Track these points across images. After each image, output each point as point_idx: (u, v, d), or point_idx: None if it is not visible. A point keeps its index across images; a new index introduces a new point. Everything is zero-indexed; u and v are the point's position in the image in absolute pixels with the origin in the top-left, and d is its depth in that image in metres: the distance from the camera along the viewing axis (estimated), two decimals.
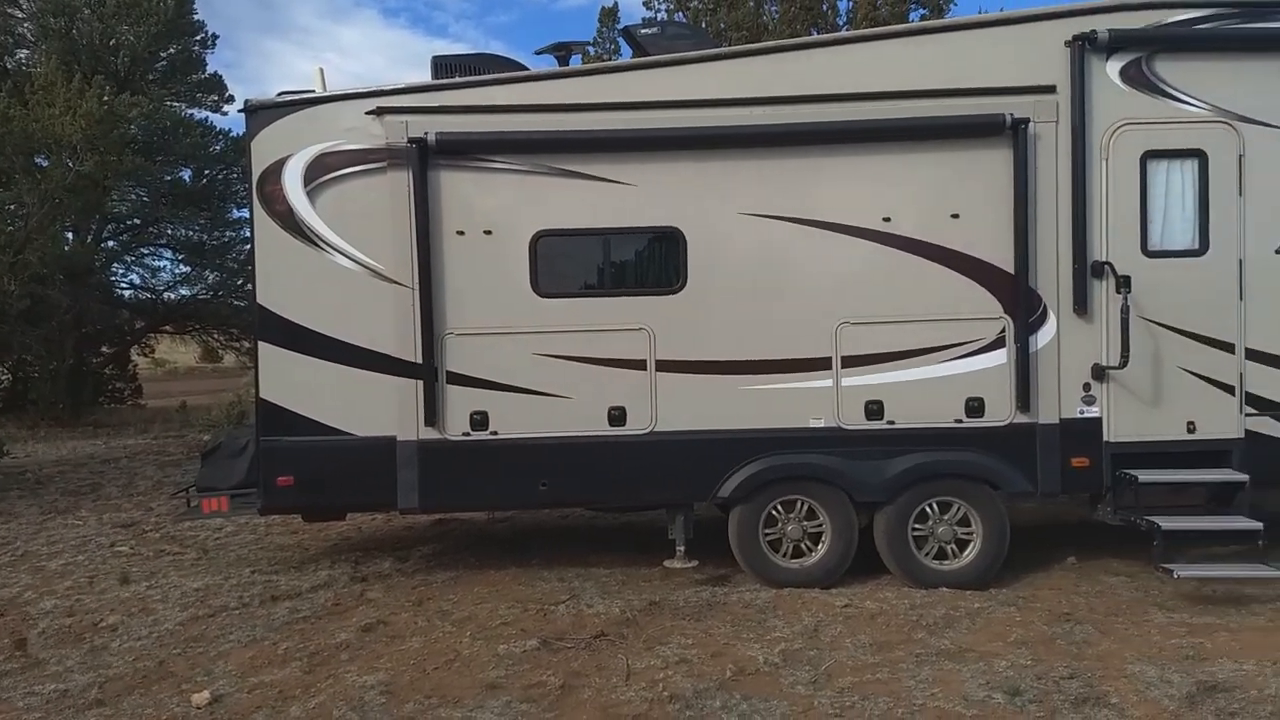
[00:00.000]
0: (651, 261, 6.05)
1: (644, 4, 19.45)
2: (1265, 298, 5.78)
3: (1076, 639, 4.96)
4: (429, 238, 5.83)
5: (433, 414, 5.87)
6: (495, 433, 5.93)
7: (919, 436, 5.89)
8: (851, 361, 5.91)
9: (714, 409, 5.91)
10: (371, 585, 6.31)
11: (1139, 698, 4.19)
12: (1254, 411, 5.82)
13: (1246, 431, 5.81)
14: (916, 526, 5.96)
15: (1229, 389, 5.81)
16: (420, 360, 5.87)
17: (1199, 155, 5.75)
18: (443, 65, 6.33)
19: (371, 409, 5.93)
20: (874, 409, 5.89)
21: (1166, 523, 5.58)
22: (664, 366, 5.92)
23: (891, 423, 5.90)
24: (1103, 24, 5.64)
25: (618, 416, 5.92)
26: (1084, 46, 5.65)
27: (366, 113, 5.89)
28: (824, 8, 15.28)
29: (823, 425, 5.93)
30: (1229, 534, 5.74)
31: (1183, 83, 5.73)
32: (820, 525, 6.00)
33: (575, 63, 6.47)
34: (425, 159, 5.81)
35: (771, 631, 5.17)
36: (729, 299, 5.91)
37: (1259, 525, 5.55)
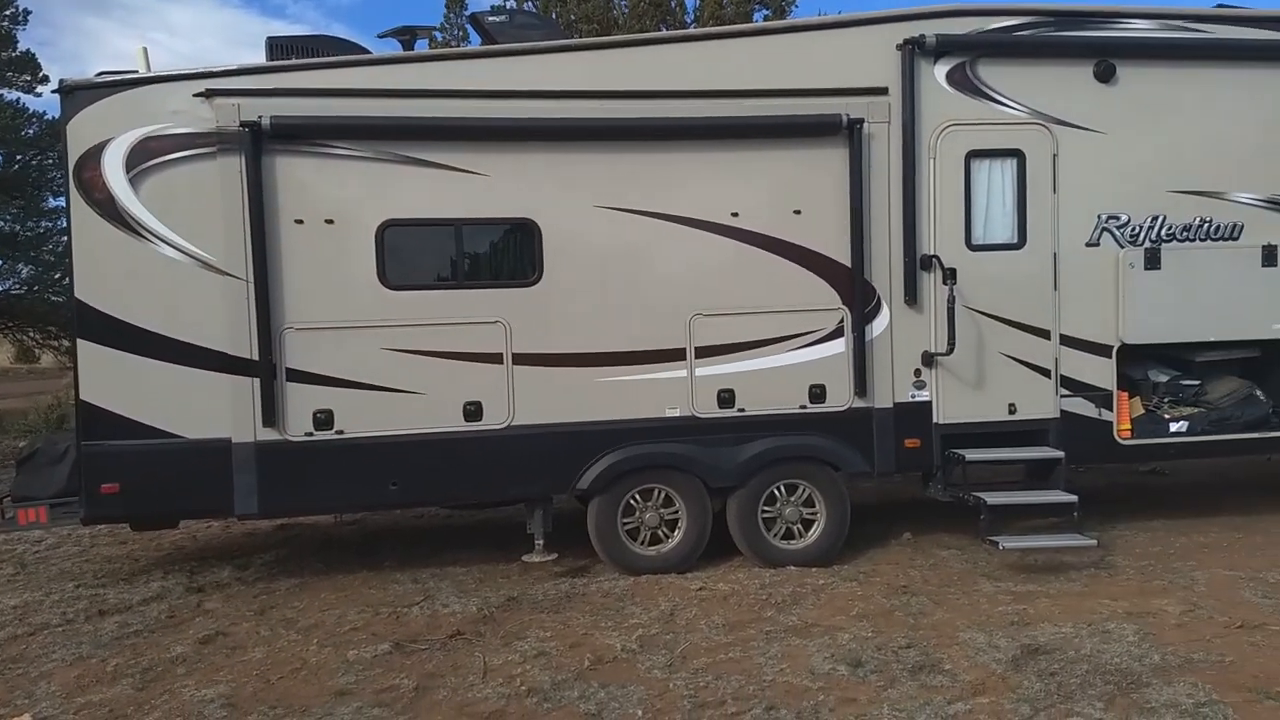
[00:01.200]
0: (506, 253, 5.98)
1: None
2: (1077, 288, 6.29)
3: (913, 610, 5.25)
4: (264, 227, 5.54)
5: (271, 413, 5.59)
6: (341, 432, 5.70)
7: (768, 423, 6.09)
8: (705, 352, 6.04)
9: (572, 401, 5.91)
10: (209, 595, 5.97)
11: (970, 663, 4.48)
12: (1068, 393, 6.33)
13: (1062, 411, 6.32)
14: (766, 509, 6.16)
15: (1046, 373, 6.29)
16: (256, 357, 5.57)
17: (1017, 155, 6.19)
18: (278, 46, 6.02)
19: (204, 410, 5.59)
20: (726, 397, 6.05)
21: (992, 498, 6.00)
22: (521, 359, 5.87)
23: (742, 410, 6.07)
24: (931, 29, 5.98)
25: (473, 411, 5.83)
26: (913, 50, 5.97)
27: (195, 95, 5.54)
28: (672, 4, 15.51)
29: (678, 414, 6.04)
30: (1048, 506, 6.21)
31: (1003, 86, 6.15)
32: (677, 512, 6.10)
33: (422, 48, 6.30)
34: (259, 144, 5.51)
35: (629, 619, 5.22)
36: (586, 291, 5.92)
37: (1074, 498, 6.04)
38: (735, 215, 6.01)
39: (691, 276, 6.02)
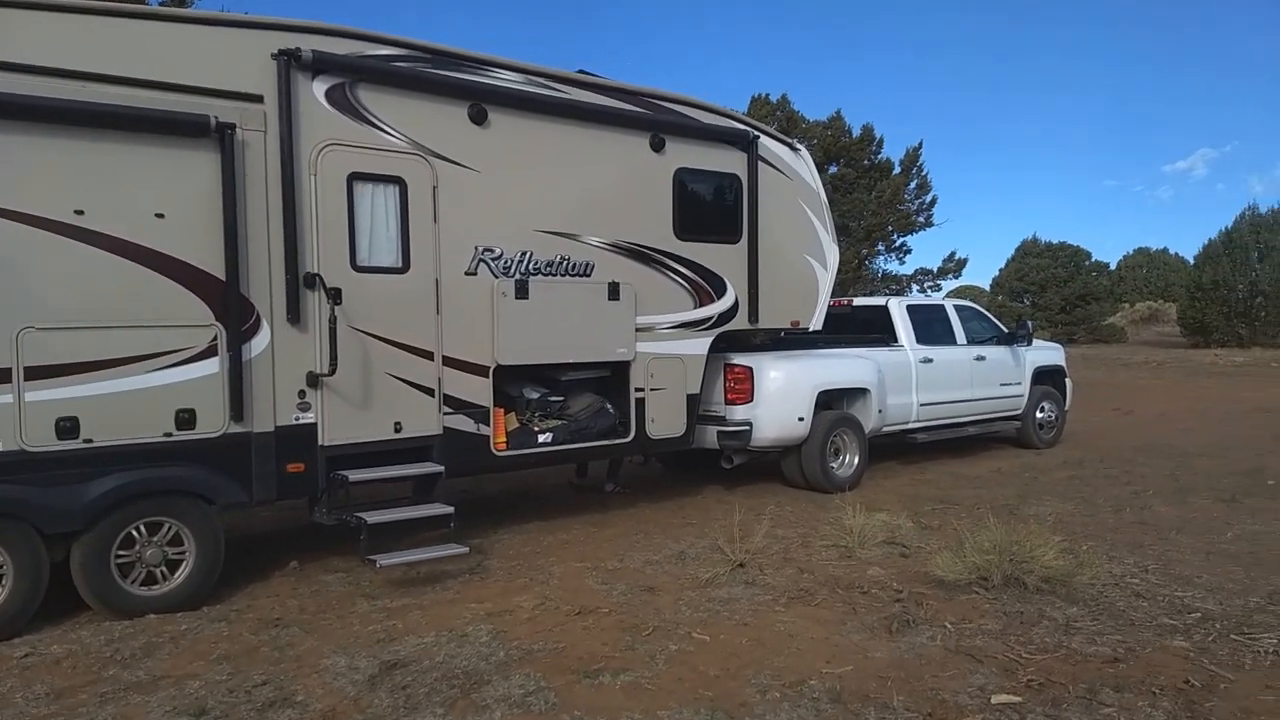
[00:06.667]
0: None
1: None
2: (458, 313, 6.67)
3: (281, 643, 5.01)
4: None
5: None
6: None
7: (124, 454, 5.36)
8: (39, 373, 5.10)
9: None
10: None
11: (325, 690, 4.37)
12: (450, 410, 6.68)
13: (445, 428, 6.64)
14: (122, 553, 5.40)
15: (430, 392, 6.56)
16: None
17: (399, 182, 6.36)
18: None
19: None
20: (67, 426, 5.17)
21: (372, 517, 6.05)
22: None
23: (90, 441, 5.25)
24: (307, 44, 5.84)
25: None
26: (289, 62, 5.77)
27: None
28: None
29: (1, 449, 4.99)
30: (428, 519, 6.46)
31: (384, 114, 6.28)
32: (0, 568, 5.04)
33: None
34: None
35: None
36: None
37: (450, 509, 6.38)
38: (80, 214, 5.20)
39: (20, 282, 5.04)
